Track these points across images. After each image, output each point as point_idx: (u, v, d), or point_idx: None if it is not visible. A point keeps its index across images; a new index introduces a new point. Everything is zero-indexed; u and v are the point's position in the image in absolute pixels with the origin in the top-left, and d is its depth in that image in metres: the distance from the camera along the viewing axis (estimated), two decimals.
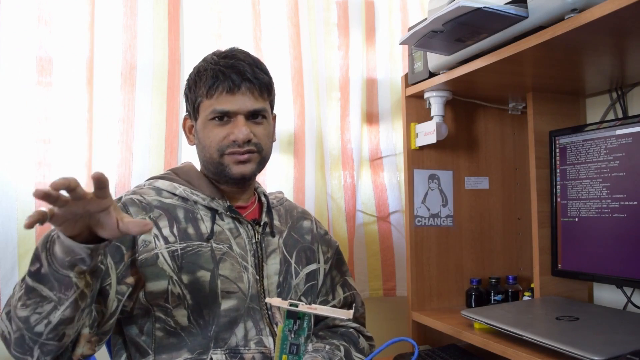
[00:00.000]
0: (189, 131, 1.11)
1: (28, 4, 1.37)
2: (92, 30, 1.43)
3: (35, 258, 0.79)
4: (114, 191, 1.43)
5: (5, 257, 1.31)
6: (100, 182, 0.70)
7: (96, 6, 1.43)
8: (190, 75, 1.09)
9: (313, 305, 0.82)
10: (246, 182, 1.09)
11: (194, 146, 1.11)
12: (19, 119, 1.34)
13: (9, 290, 1.23)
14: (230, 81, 1.01)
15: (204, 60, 1.07)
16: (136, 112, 1.47)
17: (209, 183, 1.09)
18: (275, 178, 1.62)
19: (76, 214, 0.71)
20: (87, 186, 1.40)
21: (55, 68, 1.39)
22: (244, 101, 1.02)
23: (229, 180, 1.06)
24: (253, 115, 1.04)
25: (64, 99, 1.40)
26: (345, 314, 0.81)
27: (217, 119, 1.02)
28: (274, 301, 0.83)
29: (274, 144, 1.54)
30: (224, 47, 1.11)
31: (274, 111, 1.16)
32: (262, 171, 1.57)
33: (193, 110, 1.07)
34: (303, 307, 0.81)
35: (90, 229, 0.75)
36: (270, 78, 1.08)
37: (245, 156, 1.04)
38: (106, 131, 1.44)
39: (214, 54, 1.08)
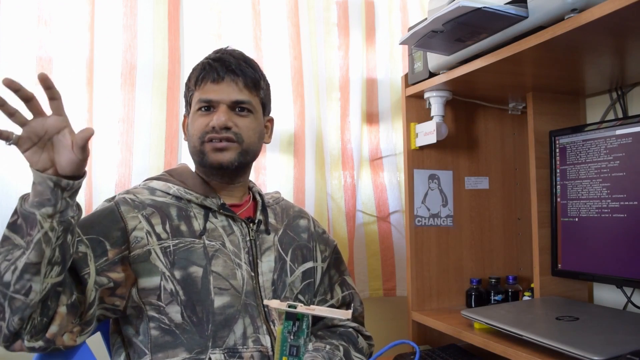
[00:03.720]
0: (185, 127, 1.14)
1: (28, 4, 1.37)
2: (92, 30, 1.43)
3: (14, 211, 0.85)
4: (114, 191, 1.43)
5: None
6: (46, 81, 0.80)
7: (96, 6, 1.43)
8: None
9: (311, 306, 0.81)
10: (227, 172, 1.08)
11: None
12: None
13: None
14: (215, 72, 1.05)
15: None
16: (136, 112, 1.47)
17: (203, 182, 1.10)
18: (275, 178, 1.62)
19: (37, 134, 0.80)
20: (87, 188, 1.40)
21: (55, 68, 1.39)
22: (228, 91, 1.05)
23: (208, 169, 1.08)
24: (237, 106, 1.06)
25: (64, 99, 1.39)
26: (344, 314, 0.81)
27: (203, 109, 1.06)
28: (272, 303, 0.82)
29: (273, 144, 1.57)
30: (223, 47, 1.13)
31: (271, 115, 1.17)
32: (262, 171, 1.60)
33: (188, 105, 1.12)
34: (301, 309, 0.80)
35: (55, 166, 0.82)
36: (258, 75, 1.10)
37: (223, 144, 1.04)
38: (106, 131, 1.44)
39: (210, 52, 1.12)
